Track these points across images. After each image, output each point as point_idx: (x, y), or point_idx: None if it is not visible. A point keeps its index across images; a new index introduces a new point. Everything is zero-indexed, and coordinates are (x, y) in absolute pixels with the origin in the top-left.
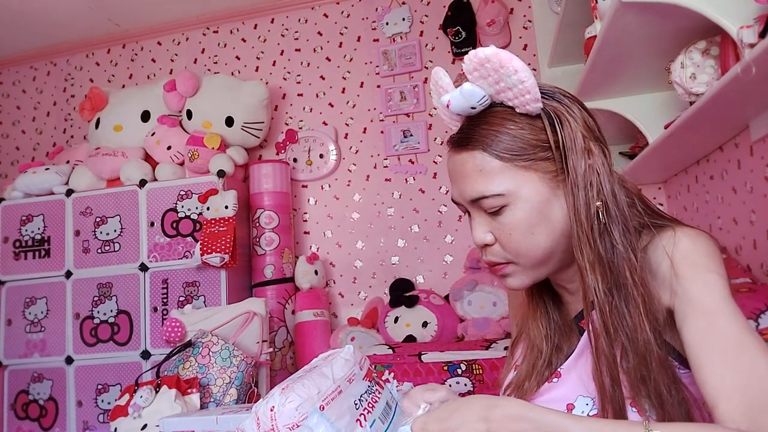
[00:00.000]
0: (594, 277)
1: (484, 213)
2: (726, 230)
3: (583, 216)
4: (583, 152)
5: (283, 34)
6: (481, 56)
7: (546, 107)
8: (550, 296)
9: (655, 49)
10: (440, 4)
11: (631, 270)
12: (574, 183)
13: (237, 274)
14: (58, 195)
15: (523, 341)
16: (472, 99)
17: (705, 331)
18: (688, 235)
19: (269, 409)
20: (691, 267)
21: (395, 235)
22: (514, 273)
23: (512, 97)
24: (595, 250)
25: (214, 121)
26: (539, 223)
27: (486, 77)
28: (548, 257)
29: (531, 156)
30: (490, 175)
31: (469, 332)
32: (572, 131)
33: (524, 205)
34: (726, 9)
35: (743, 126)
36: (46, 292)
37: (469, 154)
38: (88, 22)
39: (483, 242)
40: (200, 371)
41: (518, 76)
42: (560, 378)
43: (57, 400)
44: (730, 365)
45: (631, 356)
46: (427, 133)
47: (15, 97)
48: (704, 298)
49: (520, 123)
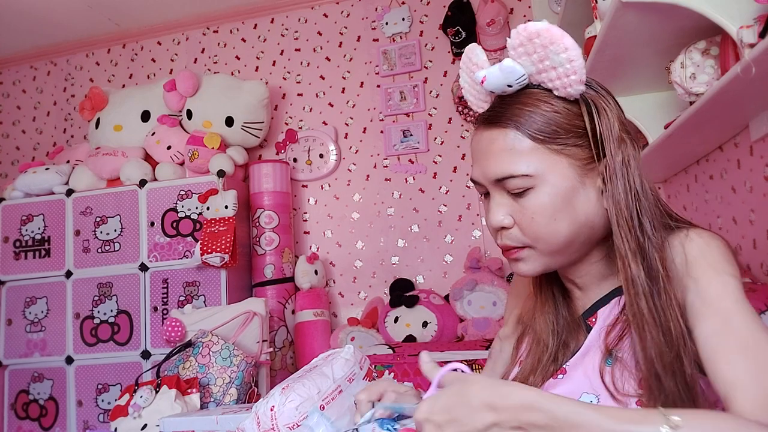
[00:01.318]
0: (637, 267)
1: (506, 194)
2: (726, 230)
3: (623, 204)
4: (620, 143)
5: (283, 34)
6: (532, 30)
7: (584, 94)
8: (559, 291)
9: (655, 49)
10: (440, 4)
11: (662, 262)
12: (613, 171)
13: (237, 273)
14: (58, 195)
15: (529, 336)
16: (511, 76)
17: (721, 328)
18: (701, 235)
19: (269, 409)
20: (708, 267)
21: (395, 234)
22: (528, 258)
23: (554, 77)
24: (635, 239)
25: (214, 121)
26: (563, 210)
27: (531, 54)
28: (567, 246)
29: (564, 140)
30: (520, 155)
31: (469, 332)
32: (609, 121)
33: (550, 189)
34: (726, 9)
35: (743, 126)
36: (47, 292)
37: (501, 131)
38: (88, 22)
39: (501, 224)
40: (200, 371)
41: (568, 54)
42: (565, 374)
43: (57, 399)
44: (747, 359)
45: (666, 351)
46: (427, 133)
47: (15, 96)
48: (720, 299)
49: (556, 106)
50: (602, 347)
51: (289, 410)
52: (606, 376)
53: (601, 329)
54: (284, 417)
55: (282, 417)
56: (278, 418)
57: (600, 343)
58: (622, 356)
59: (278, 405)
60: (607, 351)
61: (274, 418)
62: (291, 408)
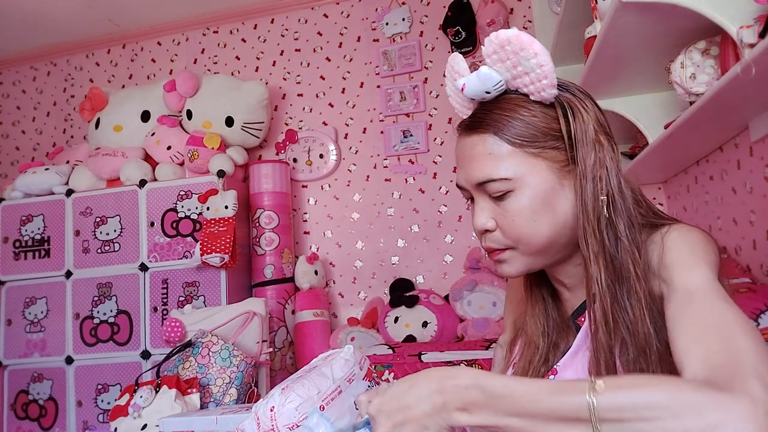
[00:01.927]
0: (597, 268)
1: (488, 198)
2: (726, 230)
3: (589, 207)
4: (594, 145)
5: (283, 35)
6: (502, 38)
7: (560, 97)
8: (548, 292)
9: (655, 49)
10: (440, 4)
11: (634, 264)
12: (582, 174)
13: (237, 274)
14: (58, 195)
15: (521, 338)
16: (488, 83)
17: (682, 308)
18: (679, 229)
19: (269, 409)
20: (680, 256)
21: (395, 235)
22: (511, 259)
23: (528, 82)
24: (600, 242)
25: (214, 121)
26: (543, 212)
27: (504, 60)
28: (548, 246)
29: (541, 144)
30: (499, 159)
31: (469, 332)
32: (584, 123)
33: (530, 192)
34: (726, 9)
35: (743, 126)
36: (46, 292)
37: (480, 137)
38: (88, 22)
39: (484, 227)
40: (200, 371)
41: (537, 59)
42: (556, 375)
43: (57, 400)
44: (702, 330)
45: (630, 349)
46: (427, 133)
47: (15, 97)
48: (686, 282)
49: (533, 110)
50: (590, 347)
51: (288, 410)
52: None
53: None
54: (284, 417)
55: (282, 417)
56: (278, 418)
57: (589, 343)
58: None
59: (278, 405)
60: None
61: (273, 419)
62: (291, 408)
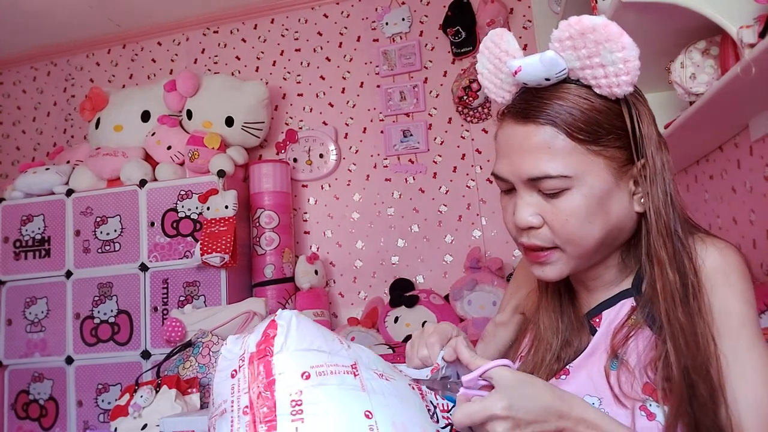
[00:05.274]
0: (674, 273)
1: (537, 193)
2: (725, 230)
3: (662, 207)
4: (659, 145)
5: (283, 34)
6: (586, 24)
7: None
8: (565, 290)
9: (655, 49)
10: (440, 4)
11: (696, 270)
12: (653, 174)
13: (237, 273)
14: (58, 195)
15: (531, 331)
16: (552, 69)
17: (731, 353)
18: (718, 248)
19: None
20: (727, 287)
21: (395, 234)
22: (557, 261)
23: (601, 75)
24: (673, 245)
25: (214, 121)
26: (597, 213)
27: (578, 48)
28: (597, 249)
29: (604, 141)
30: (559, 155)
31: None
32: (649, 123)
33: (587, 191)
34: (726, 9)
35: (743, 126)
36: (47, 292)
37: (538, 128)
38: (88, 22)
39: (528, 224)
40: (200, 371)
41: (624, 54)
42: (569, 375)
43: (57, 399)
44: (748, 384)
45: (688, 361)
46: (427, 133)
47: (15, 97)
48: (735, 326)
49: (596, 104)
50: (608, 350)
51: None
52: (611, 378)
53: (607, 331)
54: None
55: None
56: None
57: (606, 345)
58: (628, 360)
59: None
60: (614, 354)
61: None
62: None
